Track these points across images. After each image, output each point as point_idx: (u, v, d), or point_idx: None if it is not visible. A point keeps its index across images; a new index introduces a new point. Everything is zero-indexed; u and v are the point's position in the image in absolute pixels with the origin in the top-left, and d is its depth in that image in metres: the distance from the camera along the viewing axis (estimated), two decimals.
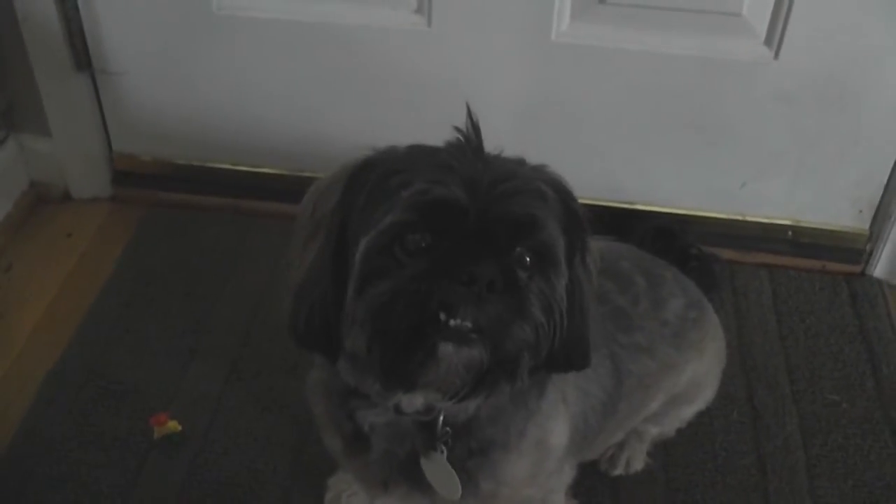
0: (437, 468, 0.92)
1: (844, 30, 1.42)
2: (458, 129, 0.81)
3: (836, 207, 1.63)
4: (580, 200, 0.86)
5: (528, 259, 0.78)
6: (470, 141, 0.81)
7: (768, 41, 1.46)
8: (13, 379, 1.42)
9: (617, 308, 1.10)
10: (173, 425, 1.31)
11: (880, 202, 1.61)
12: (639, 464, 1.30)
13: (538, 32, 1.48)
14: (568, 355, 0.85)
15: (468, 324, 0.73)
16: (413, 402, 0.86)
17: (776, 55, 1.46)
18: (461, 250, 0.74)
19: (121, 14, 1.56)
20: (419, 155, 0.80)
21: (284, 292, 0.86)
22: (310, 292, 0.82)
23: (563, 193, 0.83)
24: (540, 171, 0.83)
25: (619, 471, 1.29)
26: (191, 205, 1.75)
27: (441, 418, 0.89)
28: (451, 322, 0.73)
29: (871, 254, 1.64)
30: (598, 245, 0.92)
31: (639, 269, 1.15)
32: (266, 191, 1.73)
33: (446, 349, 0.74)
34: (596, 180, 1.61)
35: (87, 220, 1.73)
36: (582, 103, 1.56)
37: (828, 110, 1.51)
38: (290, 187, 1.70)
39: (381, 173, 0.79)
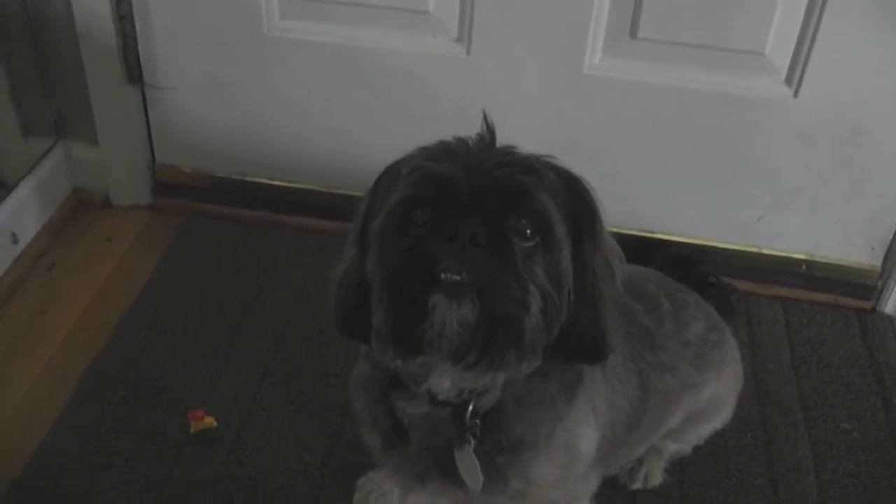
0: (466, 459, 0.97)
1: (861, 72, 1.49)
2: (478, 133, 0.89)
3: (849, 244, 1.68)
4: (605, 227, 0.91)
5: (528, 231, 0.83)
6: (483, 137, 0.88)
7: (789, 80, 1.53)
8: (53, 372, 1.48)
9: (644, 328, 1.15)
10: (209, 421, 1.36)
11: (892, 240, 1.66)
12: (657, 479, 1.34)
13: (571, 64, 1.55)
14: (580, 341, 0.88)
15: (457, 277, 0.79)
16: (441, 383, 0.91)
17: (796, 94, 1.53)
18: (455, 216, 0.81)
19: (174, 32, 1.65)
20: (428, 147, 0.88)
21: (331, 288, 0.94)
22: (346, 280, 0.91)
23: (569, 180, 0.88)
24: (542, 158, 0.88)
25: (637, 485, 1.33)
26: (227, 216, 1.82)
27: (470, 408, 0.94)
28: (443, 276, 0.79)
29: (882, 290, 1.70)
30: (626, 268, 0.97)
31: (664, 292, 1.21)
32: (301, 206, 1.79)
33: (438, 300, 0.79)
34: (618, 208, 1.65)
35: (127, 227, 1.80)
36: (609, 134, 1.63)
37: (843, 149, 1.58)
38: (324, 203, 1.78)
39: (394, 164, 0.88)
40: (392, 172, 0.88)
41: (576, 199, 0.88)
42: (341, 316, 0.92)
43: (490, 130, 0.88)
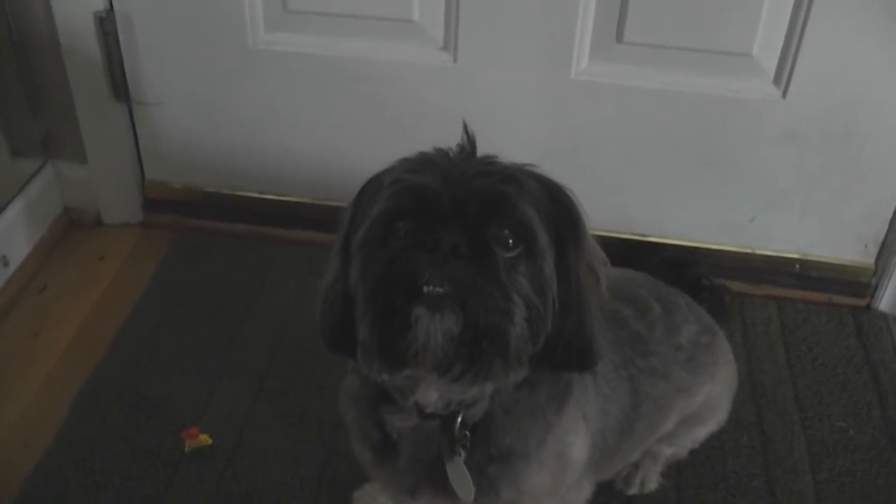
0: (457, 471, 0.96)
1: (850, 71, 1.49)
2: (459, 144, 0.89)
3: (842, 242, 1.68)
4: (595, 232, 0.91)
5: (510, 241, 0.83)
6: (464, 147, 0.88)
7: (777, 81, 1.53)
8: (48, 393, 1.47)
9: (634, 333, 1.15)
10: (204, 439, 1.35)
11: (885, 238, 1.66)
12: (653, 484, 1.34)
13: (559, 70, 1.55)
14: (567, 349, 0.88)
15: (439, 289, 0.79)
16: (428, 395, 0.90)
17: (784, 94, 1.53)
18: (436, 227, 0.80)
19: (160, 48, 1.65)
20: (409, 158, 0.88)
21: (317, 302, 0.93)
22: (330, 292, 0.90)
23: (551, 188, 0.88)
24: (523, 167, 0.88)
25: (634, 490, 1.33)
26: (218, 231, 1.82)
27: (459, 420, 0.93)
28: (425, 289, 0.79)
29: (876, 288, 1.69)
30: (614, 272, 0.97)
31: (654, 296, 1.20)
32: (291, 219, 1.79)
33: (420, 313, 0.79)
34: (611, 213, 1.67)
35: (119, 245, 1.80)
36: (599, 138, 1.63)
37: (833, 148, 1.57)
38: (314, 216, 1.78)
39: (376, 176, 0.88)
40: (374, 184, 0.88)
41: (558, 206, 0.87)
42: (327, 329, 0.91)
43: (471, 140, 0.88)
